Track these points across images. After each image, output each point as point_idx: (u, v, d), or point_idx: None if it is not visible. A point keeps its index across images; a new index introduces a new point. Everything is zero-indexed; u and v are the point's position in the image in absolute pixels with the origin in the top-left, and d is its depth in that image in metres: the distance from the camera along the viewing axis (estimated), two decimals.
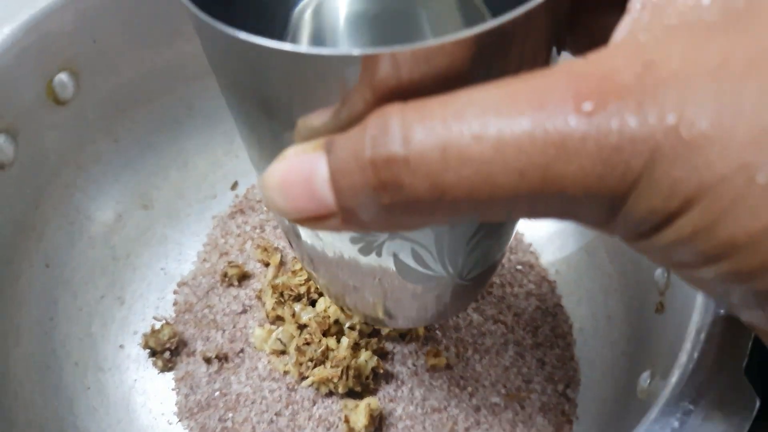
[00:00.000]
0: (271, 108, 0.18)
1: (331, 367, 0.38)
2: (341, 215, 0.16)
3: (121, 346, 0.41)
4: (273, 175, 0.17)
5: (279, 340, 0.40)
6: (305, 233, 0.25)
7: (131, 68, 0.43)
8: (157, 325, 0.41)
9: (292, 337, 0.40)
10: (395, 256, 0.24)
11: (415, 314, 0.29)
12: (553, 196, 0.14)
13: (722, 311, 0.26)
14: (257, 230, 0.46)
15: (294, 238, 0.27)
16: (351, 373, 0.37)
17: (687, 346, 0.27)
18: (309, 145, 0.17)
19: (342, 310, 0.39)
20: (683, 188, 0.13)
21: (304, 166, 0.16)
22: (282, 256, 0.44)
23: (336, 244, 0.24)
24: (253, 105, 0.19)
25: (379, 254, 0.23)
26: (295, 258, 0.43)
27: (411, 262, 0.24)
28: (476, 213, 0.15)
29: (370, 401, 0.37)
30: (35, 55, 0.37)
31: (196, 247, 0.45)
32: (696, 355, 0.26)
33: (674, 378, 0.26)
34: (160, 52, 0.43)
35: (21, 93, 0.37)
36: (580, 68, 0.14)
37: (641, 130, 0.13)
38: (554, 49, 0.19)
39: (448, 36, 0.15)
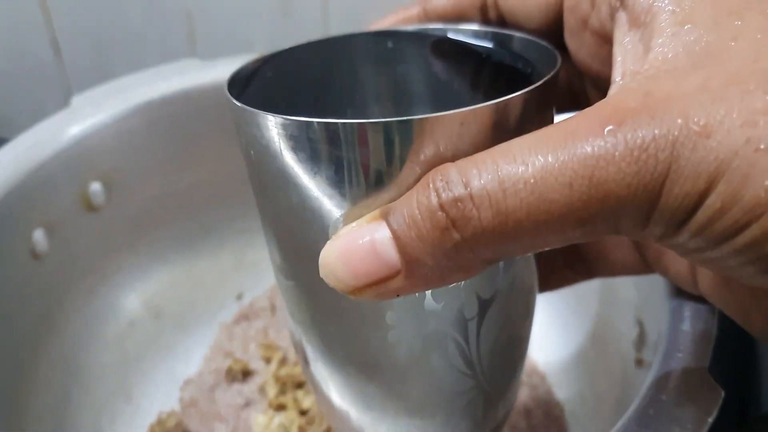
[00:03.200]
0: (325, 190, 0.20)
1: None
2: (406, 270, 0.18)
3: None
4: (333, 249, 0.18)
5: (282, 424, 0.41)
6: (328, 352, 0.26)
7: (156, 187, 0.48)
8: (164, 416, 0.42)
9: (293, 422, 0.41)
10: (436, 350, 0.24)
11: None
12: (600, 204, 0.16)
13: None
14: (260, 333, 0.49)
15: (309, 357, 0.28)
16: None
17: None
18: (363, 219, 0.18)
19: None
20: (706, 168, 0.15)
21: (364, 234, 0.18)
22: (284, 354, 0.46)
23: (372, 343, 0.24)
24: (303, 188, 0.21)
25: (416, 350, 0.24)
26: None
27: (452, 354, 0.24)
28: (537, 236, 0.17)
29: None
30: (77, 164, 0.43)
31: (202, 351, 0.48)
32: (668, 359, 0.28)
33: (650, 376, 0.28)
34: (182, 177, 0.50)
35: (61, 195, 0.42)
36: (595, 108, 0.17)
37: (659, 130, 0.16)
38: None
39: (487, 103, 0.19)
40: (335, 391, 0.27)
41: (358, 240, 0.18)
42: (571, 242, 0.17)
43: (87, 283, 0.46)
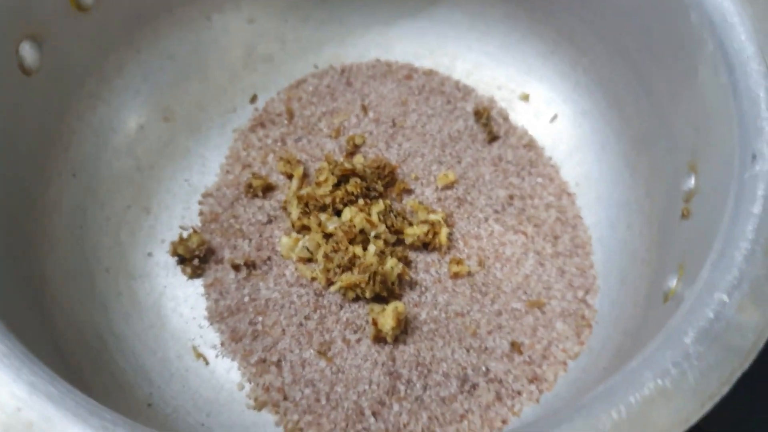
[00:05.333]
0: None
1: (359, 273, 0.39)
2: None
3: (150, 254, 0.42)
4: None
5: (306, 248, 0.41)
6: None
7: None
8: (185, 234, 0.41)
9: (319, 245, 0.40)
10: None
11: None
12: None
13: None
14: (278, 143, 0.46)
15: None
16: (378, 278, 0.38)
17: (717, 245, 0.27)
18: None
19: None
20: None
21: None
22: (305, 168, 0.44)
23: None
24: None
25: None
26: (318, 170, 0.43)
27: None
28: None
29: (397, 305, 0.38)
30: None
31: (218, 159, 0.46)
32: (727, 253, 0.27)
33: (705, 273, 0.27)
34: None
35: None
36: None
37: None
38: None
39: None
40: None
41: None
42: None
43: (87, 89, 0.42)
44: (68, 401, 0.22)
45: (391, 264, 0.39)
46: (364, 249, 0.40)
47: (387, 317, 0.37)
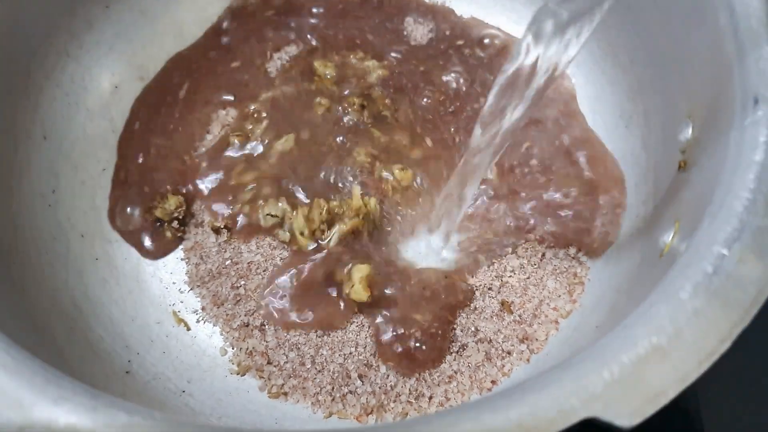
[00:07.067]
0: None
1: (349, 219, 0.37)
2: None
3: None
4: None
5: (269, 215, 0.39)
6: None
7: None
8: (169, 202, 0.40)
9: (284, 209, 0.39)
10: None
11: None
12: None
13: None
14: None
15: None
16: (370, 218, 0.38)
17: (717, 196, 0.26)
18: None
19: None
20: None
21: None
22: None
23: None
24: None
25: None
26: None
27: None
28: None
29: (361, 268, 0.36)
30: None
31: None
32: (727, 203, 0.25)
33: (704, 225, 0.25)
34: None
35: None
36: None
37: None
38: None
39: None
40: None
41: None
42: None
43: (55, 47, 0.40)
44: (24, 370, 0.20)
45: (374, 203, 0.38)
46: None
47: (358, 289, 0.36)
